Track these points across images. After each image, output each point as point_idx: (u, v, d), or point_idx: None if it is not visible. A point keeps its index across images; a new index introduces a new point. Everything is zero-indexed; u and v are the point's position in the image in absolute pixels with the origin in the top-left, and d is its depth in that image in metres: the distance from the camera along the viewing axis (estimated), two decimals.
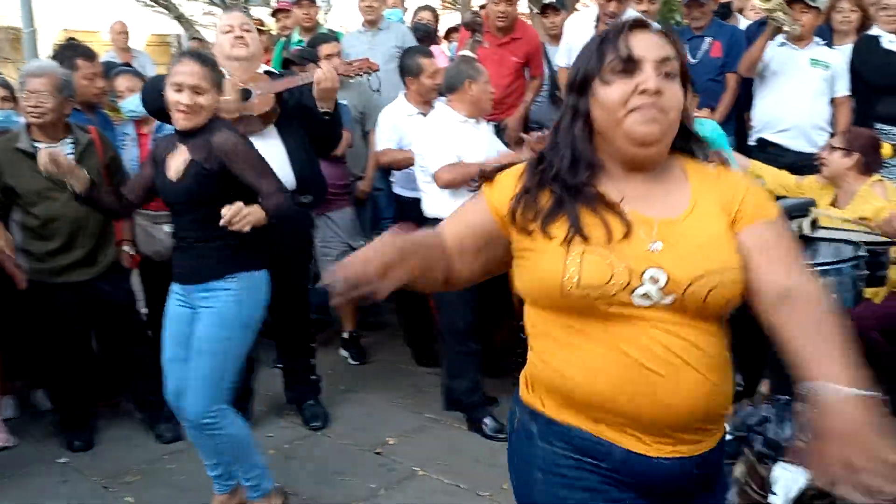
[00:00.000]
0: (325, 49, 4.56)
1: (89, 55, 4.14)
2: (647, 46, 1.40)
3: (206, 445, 2.85)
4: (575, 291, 1.37)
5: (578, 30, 4.66)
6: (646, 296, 1.37)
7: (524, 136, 4.04)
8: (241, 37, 3.51)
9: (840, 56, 4.40)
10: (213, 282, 2.75)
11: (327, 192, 3.96)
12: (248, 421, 3.69)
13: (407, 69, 4.24)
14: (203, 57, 2.79)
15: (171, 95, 2.69)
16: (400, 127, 4.29)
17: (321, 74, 3.42)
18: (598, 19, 4.56)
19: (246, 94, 3.45)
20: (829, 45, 4.52)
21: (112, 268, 3.63)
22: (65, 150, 3.43)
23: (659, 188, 1.46)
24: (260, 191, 2.74)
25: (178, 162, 2.74)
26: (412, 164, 4.22)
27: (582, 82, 1.44)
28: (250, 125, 3.43)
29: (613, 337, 1.38)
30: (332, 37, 5.03)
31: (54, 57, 4.25)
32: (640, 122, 1.38)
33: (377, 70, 3.87)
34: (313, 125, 3.54)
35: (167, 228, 3.75)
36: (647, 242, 1.39)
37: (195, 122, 2.70)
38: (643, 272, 1.37)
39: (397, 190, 4.51)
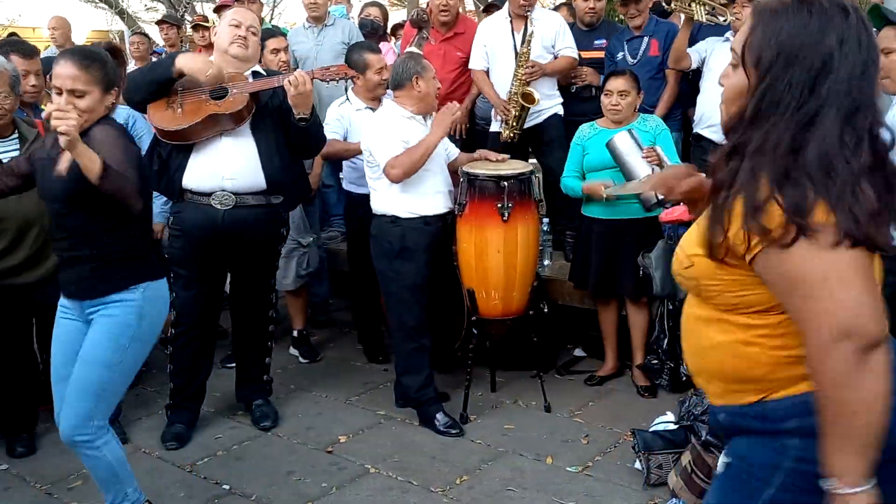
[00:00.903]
0: (271, 44, 4.51)
1: (26, 52, 4.01)
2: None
3: (96, 474, 2.64)
4: None
5: (492, 31, 4.69)
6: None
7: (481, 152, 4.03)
8: (245, 37, 3.46)
9: None
10: (112, 294, 2.56)
11: (310, 193, 3.92)
12: (195, 421, 3.69)
13: (353, 64, 4.21)
14: (86, 55, 2.56)
15: (54, 97, 2.50)
16: (346, 121, 4.26)
17: (294, 79, 3.35)
18: (510, 15, 4.61)
19: (221, 93, 3.39)
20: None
21: (55, 270, 3.53)
22: (11, 146, 3.34)
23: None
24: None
25: (64, 161, 2.44)
26: (353, 156, 4.21)
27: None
28: (221, 124, 3.38)
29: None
30: (279, 32, 4.98)
31: None
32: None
33: (354, 76, 3.86)
34: (290, 129, 3.50)
35: None
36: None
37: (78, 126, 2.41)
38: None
39: (347, 186, 4.49)
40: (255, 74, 3.55)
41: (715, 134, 4.44)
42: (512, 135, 4.51)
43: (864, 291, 1.28)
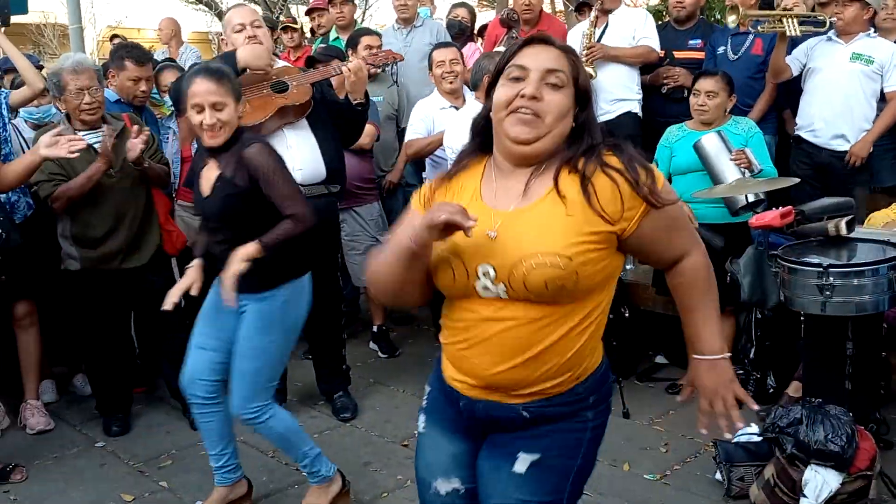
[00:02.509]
0: (365, 40, 4.62)
1: (140, 59, 4.20)
2: (539, 58, 1.59)
3: (210, 432, 2.90)
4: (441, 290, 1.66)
5: (580, 30, 4.74)
6: (485, 288, 1.58)
7: None
8: (254, 35, 3.49)
9: (890, 48, 4.22)
10: (262, 292, 2.74)
11: (346, 183, 3.97)
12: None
13: (429, 65, 4.32)
14: (215, 71, 2.71)
15: (194, 118, 2.65)
16: (430, 120, 4.31)
17: (352, 65, 3.46)
18: (596, 17, 4.61)
19: (282, 87, 3.49)
20: None
21: (156, 255, 3.70)
22: (100, 136, 3.50)
23: (530, 182, 1.61)
24: (283, 208, 2.67)
25: (209, 176, 2.71)
26: (436, 149, 4.25)
27: (489, 85, 1.67)
28: (286, 116, 3.48)
29: (461, 315, 1.66)
30: (373, 31, 5.07)
31: (109, 54, 4.34)
32: (515, 124, 1.58)
33: (401, 60, 3.92)
34: (340, 117, 3.58)
35: None
36: (486, 232, 1.57)
37: (222, 139, 2.65)
38: (477, 268, 1.57)
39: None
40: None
41: (819, 137, 4.30)
42: None
43: None
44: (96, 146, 3.47)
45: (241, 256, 2.56)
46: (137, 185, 3.58)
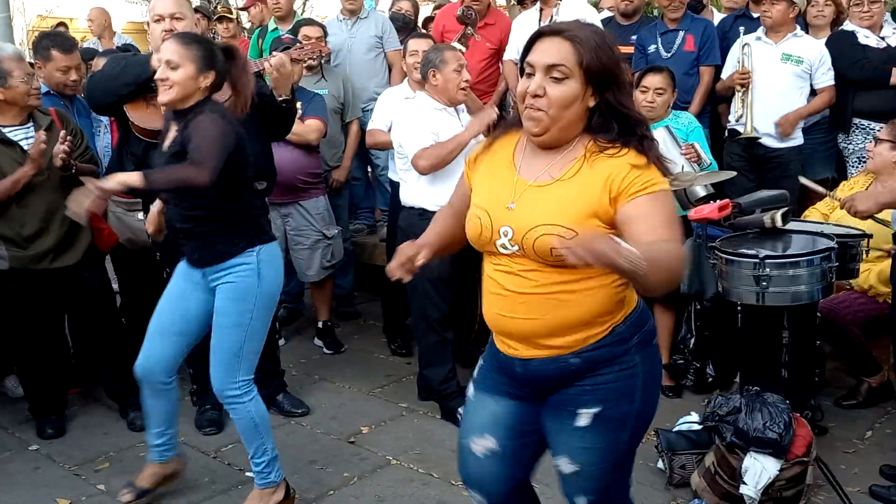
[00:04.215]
0: (304, 31, 4.55)
1: (66, 47, 4.06)
2: (542, 54, 1.75)
3: (158, 413, 2.89)
4: (469, 242, 1.91)
5: (525, 23, 4.71)
6: (503, 245, 1.80)
7: None
8: (171, 29, 3.25)
9: (817, 46, 4.40)
10: (231, 259, 2.71)
11: (275, 180, 3.84)
12: (222, 409, 3.71)
13: (403, 53, 4.33)
14: (193, 36, 2.73)
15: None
16: (393, 110, 4.25)
17: (274, 60, 3.37)
18: (541, 10, 4.62)
19: None
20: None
21: (88, 253, 3.59)
22: (30, 132, 3.40)
23: (553, 162, 1.80)
24: (190, 155, 2.54)
25: (170, 137, 2.71)
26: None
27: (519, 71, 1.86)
28: None
29: (491, 273, 1.88)
30: (316, 22, 5.00)
31: (33, 46, 4.18)
32: (526, 119, 1.79)
33: (328, 53, 3.86)
34: (269, 113, 3.48)
35: (141, 216, 3.72)
36: (509, 202, 1.81)
37: (170, 97, 2.62)
38: (500, 228, 1.80)
39: (391, 175, 4.49)
40: None
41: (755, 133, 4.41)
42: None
43: None
44: (23, 144, 3.36)
45: (120, 179, 2.47)
46: (67, 179, 3.45)
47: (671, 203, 1.77)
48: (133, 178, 2.48)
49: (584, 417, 1.84)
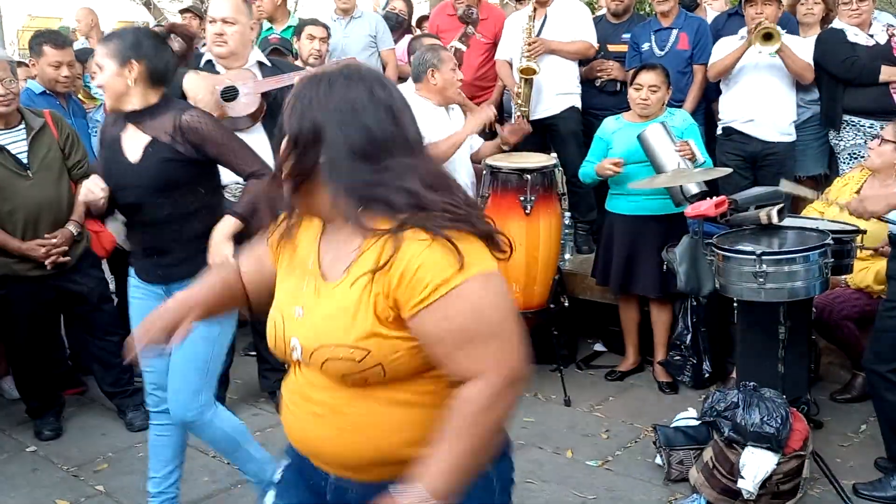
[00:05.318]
0: (307, 30, 4.57)
1: (59, 42, 4.06)
2: None
3: (161, 449, 2.75)
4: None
5: (517, 22, 4.73)
6: (299, 360, 1.43)
7: (497, 127, 4.07)
8: (220, 33, 3.32)
9: (800, 43, 4.45)
10: (197, 276, 2.58)
11: None
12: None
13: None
14: (109, 35, 2.60)
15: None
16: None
17: (303, 76, 3.36)
18: (535, 10, 4.63)
19: (232, 93, 3.38)
20: (796, 35, 4.58)
21: (83, 256, 3.58)
22: (19, 135, 3.37)
23: (336, 242, 1.41)
24: (240, 170, 2.55)
25: (135, 142, 2.48)
26: None
27: None
28: (237, 124, 3.38)
29: (295, 387, 1.48)
30: (320, 22, 5.00)
31: (29, 43, 4.16)
32: None
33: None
34: None
35: None
36: (295, 306, 1.42)
37: (107, 102, 2.49)
38: (290, 340, 1.43)
39: None
40: (261, 65, 3.50)
41: (750, 128, 4.43)
42: (520, 114, 4.51)
43: None
44: (10, 149, 3.34)
45: (223, 233, 2.44)
46: (58, 183, 3.44)
47: (474, 300, 1.28)
48: (232, 225, 2.44)
49: None
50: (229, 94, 3.38)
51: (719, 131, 4.62)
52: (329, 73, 1.39)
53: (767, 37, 4.21)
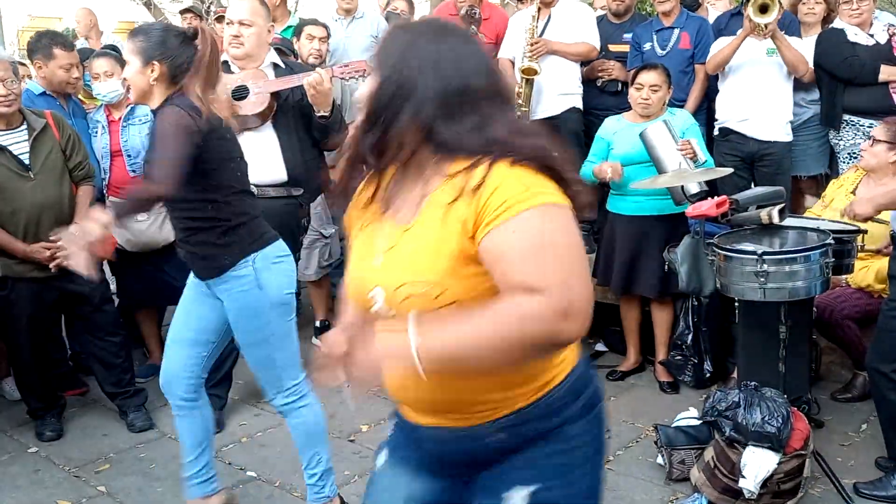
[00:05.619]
0: (307, 30, 4.57)
1: (68, 45, 4.08)
2: None
3: (188, 434, 2.77)
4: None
5: (521, 21, 4.74)
6: (378, 312, 1.42)
7: None
8: (237, 35, 3.36)
9: (800, 44, 4.45)
10: (227, 272, 2.55)
11: (321, 188, 3.87)
12: (222, 409, 3.71)
13: None
14: (134, 31, 2.58)
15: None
16: None
17: (311, 79, 3.36)
18: (539, 10, 4.64)
19: (243, 92, 3.40)
20: (797, 34, 4.58)
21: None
22: (21, 136, 3.38)
23: (409, 189, 1.43)
24: (148, 170, 2.45)
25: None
26: None
27: None
28: (246, 123, 3.40)
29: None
30: (319, 22, 5.01)
31: (31, 44, 4.17)
32: None
33: (364, 70, 3.87)
34: (312, 124, 3.52)
35: (141, 217, 3.73)
36: (373, 257, 1.44)
37: (132, 97, 2.57)
38: (370, 292, 1.43)
39: None
40: (275, 66, 3.54)
41: (746, 128, 4.43)
42: (520, 114, 4.52)
43: None
44: (11, 149, 3.34)
45: (92, 225, 2.29)
46: (59, 184, 3.44)
47: (545, 222, 1.29)
48: (104, 218, 2.32)
49: (517, 500, 1.46)
50: (240, 93, 3.40)
51: (716, 132, 4.62)
52: (420, 24, 1.49)
53: (763, 9, 4.19)
